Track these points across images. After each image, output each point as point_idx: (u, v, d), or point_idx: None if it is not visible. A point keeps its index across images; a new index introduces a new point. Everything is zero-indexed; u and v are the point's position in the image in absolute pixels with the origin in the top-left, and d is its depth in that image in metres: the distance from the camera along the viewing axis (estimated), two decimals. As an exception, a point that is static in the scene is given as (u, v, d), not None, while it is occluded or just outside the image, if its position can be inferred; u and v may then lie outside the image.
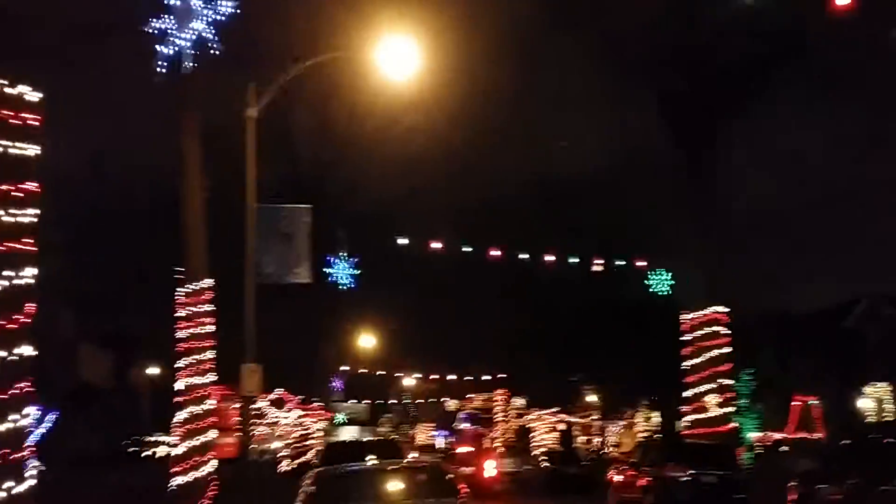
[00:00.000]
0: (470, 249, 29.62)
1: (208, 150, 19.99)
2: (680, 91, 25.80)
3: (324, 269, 27.44)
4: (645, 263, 30.74)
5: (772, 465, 33.63)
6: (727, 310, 25.40)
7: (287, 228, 16.46)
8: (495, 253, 29.73)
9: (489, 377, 58.32)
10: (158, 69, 17.13)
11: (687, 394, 25.52)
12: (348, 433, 74.65)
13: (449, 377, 59.71)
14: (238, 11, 16.57)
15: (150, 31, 16.70)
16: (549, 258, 30.48)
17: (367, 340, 49.22)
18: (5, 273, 11.30)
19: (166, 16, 16.92)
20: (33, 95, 11.92)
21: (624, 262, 31.92)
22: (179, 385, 19.04)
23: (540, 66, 28.21)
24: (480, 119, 33.38)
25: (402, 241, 28.59)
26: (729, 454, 21.41)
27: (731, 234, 27.90)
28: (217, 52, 16.12)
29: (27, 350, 11.42)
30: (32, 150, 11.86)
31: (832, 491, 12.74)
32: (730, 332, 25.41)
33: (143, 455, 41.43)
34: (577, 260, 31.25)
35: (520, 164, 38.98)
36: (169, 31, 16.73)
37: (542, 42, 26.22)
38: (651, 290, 30.09)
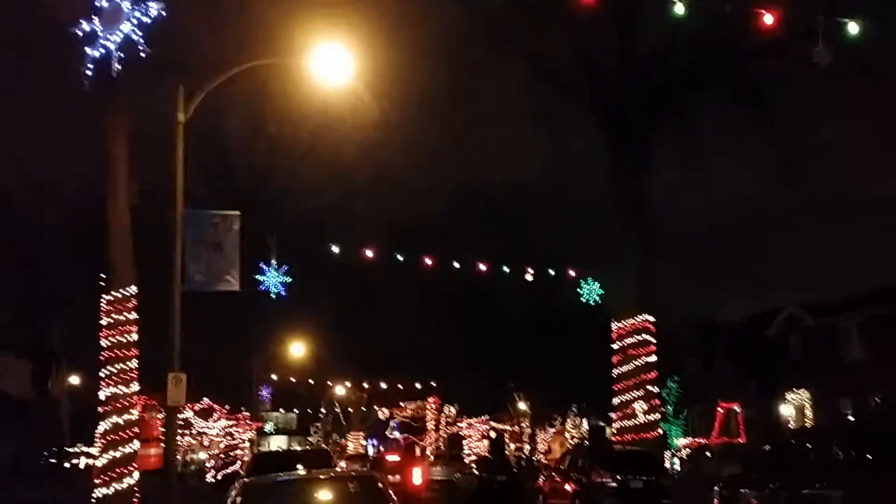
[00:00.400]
0: (402, 258, 29.57)
1: (136, 156, 19.61)
2: (611, 106, 26.26)
3: (254, 277, 27.06)
4: (575, 273, 31.10)
5: (697, 470, 34.41)
6: (654, 319, 25.85)
7: (216, 235, 16.19)
8: (428, 262, 29.75)
9: (420, 385, 58.32)
10: (86, 72, 16.77)
11: (616, 401, 25.86)
12: (277, 443, 73.91)
13: (380, 386, 59.47)
14: (165, 15, 16.31)
15: (78, 32, 16.35)
16: (482, 267, 30.62)
17: (297, 349, 48.67)
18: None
19: (94, 17, 16.59)
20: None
21: (555, 273, 32.26)
22: (102, 395, 18.60)
23: (474, 79, 28.38)
24: (414, 129, 33.41)
25: (335, 248, 28.41)
26: (655, 460, 21.79)
27: (659, 246, 28.42)
28: (144, 54, 15.83)
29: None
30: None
31: (755, 495, 13.05)
32: (657, 340, 25.85)
33: (64, 467, 40.24)
34: (508, 270, 31.44)
35: (453, 175, 39.23)
36: (97, 32, 16.39)
37: (477, 55, 26.43)
38: (582, 299, 30.48)
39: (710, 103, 27.59)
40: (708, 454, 39.38)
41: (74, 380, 51.08)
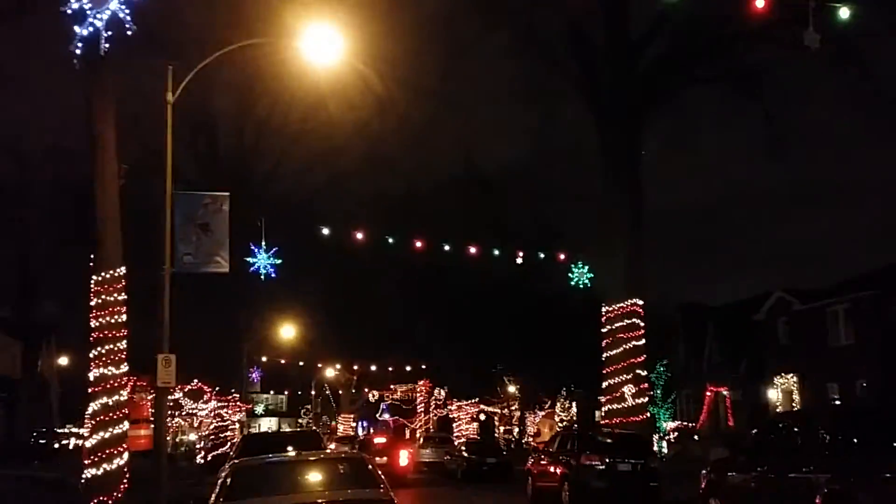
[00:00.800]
0: (392, 240, 29.53)
1: (124, 136, 19.48)
2: (602, 87, 26.17)
3: (244, 259, 26.96)
4: (565, 257, 31.13)
5: (685, 454, 34.61)
6: (643, 303, 25.90)
7: (205, 216, 16.12)
8: (419, 244, 29.71)
9: (410, 368, 58.44)
10: (75, 50, 16.61)
11: (605, 384, 25.94)
12: (268, 424, 74.01)
13: (370, 368, 59.58)
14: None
15: (66, 10, 16.17)
16: (472, 250, 30.61)
17: (287, 331, 48.67)
18: None
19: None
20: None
21: (545, 256, 32.28)
22: (92, 376, 18.55)
23: (465, 59, 28.31)
24: (403, 110, 33.34)
25: (324, 230, 28.33)
26: (644, 443, 21.88)
27: (648, 230, 28.44)
28: (131, 32, 15.67)
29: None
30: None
31: (741, 478, 13.12)
32: (645, 324, 25.92)
33: (53, 447, 40.20)
34: (499, 252, 31.44)
35: (443, 156, 39.18)
36: (86, 10, 16.22)
37: (468, 35, 26.32)
38: (572, 283, 30.49)
39: (701, 86, 27.58)
40: (695, 437, 39.62)
41: (63, 360, 50.97)
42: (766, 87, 25.66)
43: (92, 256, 18.75)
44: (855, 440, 11.19)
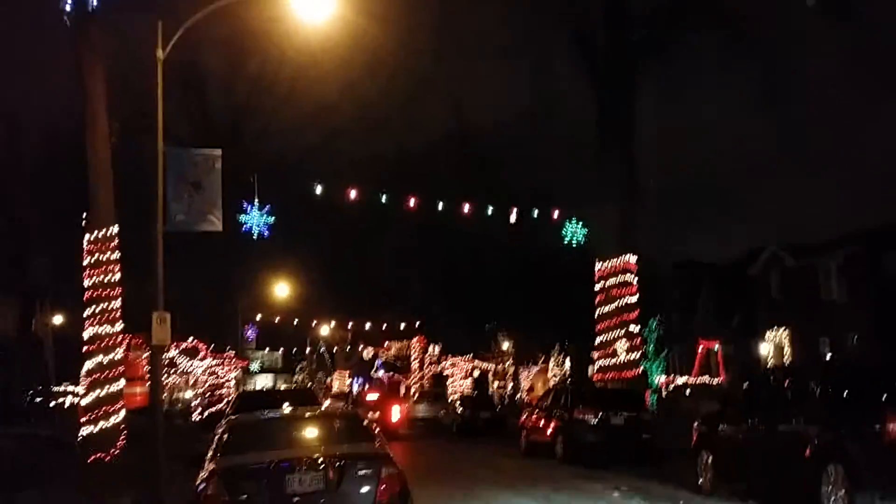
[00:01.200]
0: (385, 198, 29.42)
1: (115, 97, 19.31)
2: (596, 39, 25.95)
3: (237, 217, 26.87)
4: (559, 214, 31.03)
5: (677, 407, 34.96)
6: (636, 259, 25.95)
7: (197, 174, 16.00)
8: (412, 202, 29.62)
9: (405, 325, 58.64)
10: (64, 7, 16.41)
11: (598, 340, 26.11)
12: (263, 382, 74.47)
13: (365, 326, 59.79)
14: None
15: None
16: (466, 208, 30.52)
17: (281, 289, 48.77)
18: None
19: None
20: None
21: (538, 212, 32.18)
22: (86, 334, 18.59)
23: (458, 13, 27.97)
24: (396, 66, 33.04)
25: (318, 188, 28.22)
26: (637, 397, 22.10)
27: (642, 185, 28.40)
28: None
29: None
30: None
31: (732, 430, 13.27)
32: (639, 280, 26.02)
33: (49, 406, 40.41)
34: (492, 210, 31.36)
35: (436, 113, 38.91)
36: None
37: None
38: (565, 239, 30.44)
39: (698, 35, 27.29)
40: (687, 392, 39.98)
41: (58, 319, 51.01)
42: (762, 36, 25.44)
43: (85, 216, 18.71)
44: (845, 394, 11.30)
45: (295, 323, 59.27)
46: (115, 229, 18.78)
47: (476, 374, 58.01)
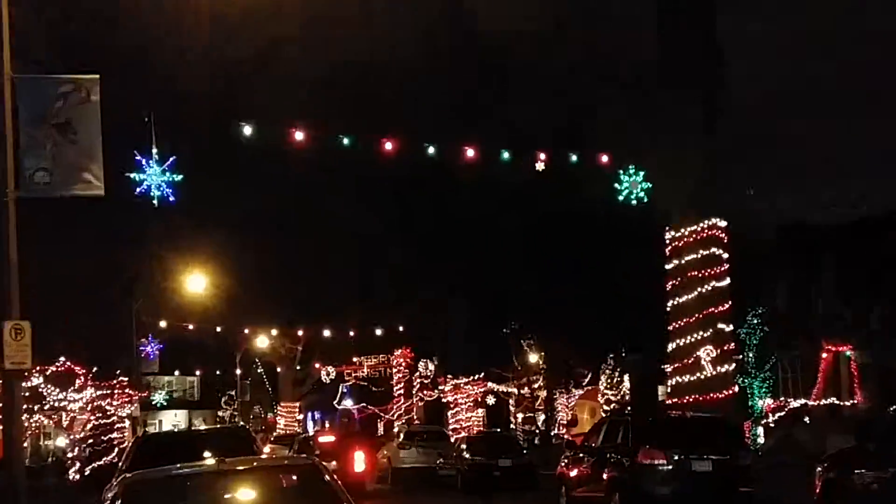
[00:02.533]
0: (348, 142, 29.36)
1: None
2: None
3: (127, 175, 26.77)
4: (609, 160, 30.90)
5: (790, 444, 35.15)
6: (725, 224, 26.02)
7: (65, 112, 15.96)
8: (388, 146, 29.55)
9: (382, 332, 58.76)
10: None
11: (671, 346, 26.22)
12: (172, 420, 74.66)
13: (323, 334, 59.89)
14: None
15: None
16: (470, 153, 30.47)
17: (196, 282, 48.58)
18: None
19: None
20: None
21: (579, 159, 31.98)
22: None
23: None
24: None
25: (247, 128, 28.11)
26: (731, 431, 22.19)
27: (729, 126, 28.55)
28: None
29: None
30: None
31: (875, 477, 13.32)
32: (730, 256, 26.09)
33: None
34: (509, 156, 31.31)
35: (424, 14, 38.66)
36: None
37: None
38: (620, 197, 30.31)
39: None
40: (806, 420, 40.19)
41: None
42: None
43: None
44: None
45: (218, 332, 59.31)
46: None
47: (491, 401, 58.28)
